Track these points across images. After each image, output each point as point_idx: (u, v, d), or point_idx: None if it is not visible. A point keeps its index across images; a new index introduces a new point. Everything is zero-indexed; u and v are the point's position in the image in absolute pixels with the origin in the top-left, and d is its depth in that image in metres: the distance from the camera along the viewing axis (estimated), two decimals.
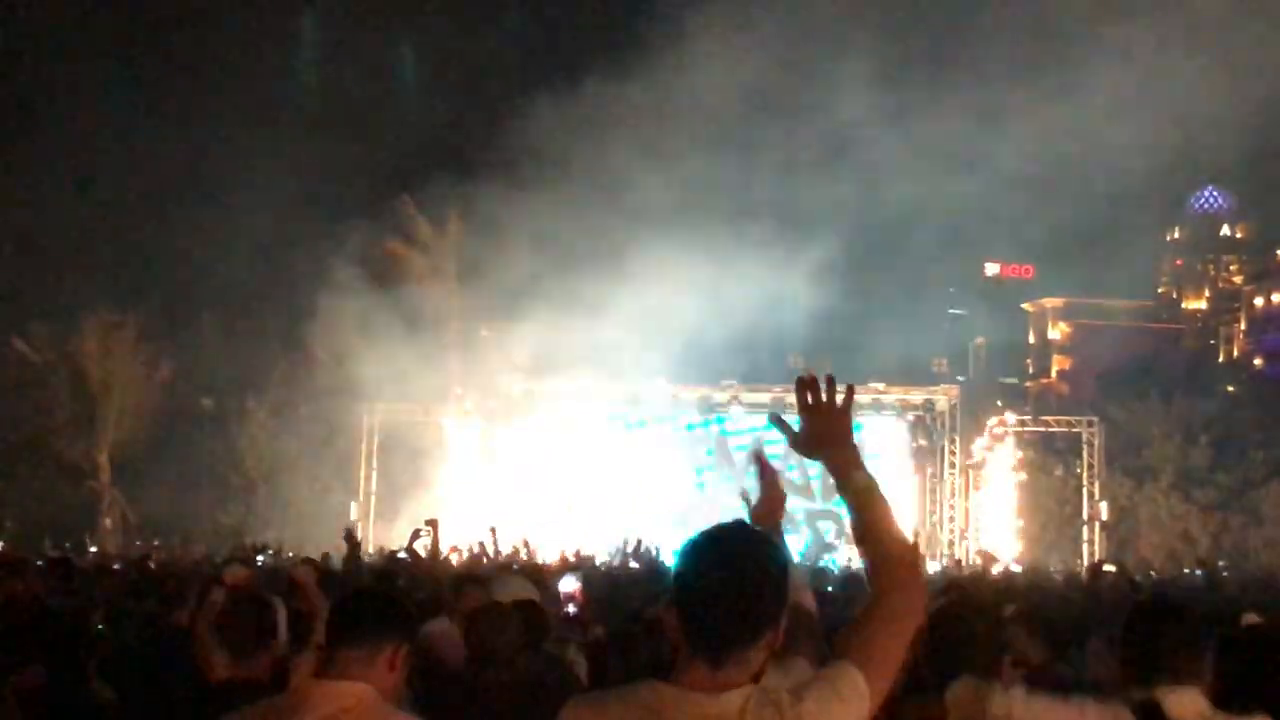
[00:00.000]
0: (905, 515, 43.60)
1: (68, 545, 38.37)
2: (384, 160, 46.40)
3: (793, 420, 3.81)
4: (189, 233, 62.31)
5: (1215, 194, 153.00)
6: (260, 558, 27.85)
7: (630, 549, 28.05)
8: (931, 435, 45.12)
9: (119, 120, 66.24)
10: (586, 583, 13.16)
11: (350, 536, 14.10)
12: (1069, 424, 50.05)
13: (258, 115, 68.17)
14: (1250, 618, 9.39)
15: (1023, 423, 48.64)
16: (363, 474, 45.03)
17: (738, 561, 3.20)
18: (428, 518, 11.93)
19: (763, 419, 43.09)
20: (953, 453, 44.65)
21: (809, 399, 3.78)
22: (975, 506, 44.68)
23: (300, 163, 60.25)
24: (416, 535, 11.40)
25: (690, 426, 43.34)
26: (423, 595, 9.77)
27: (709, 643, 3.17)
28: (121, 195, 65.53)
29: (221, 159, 69.54)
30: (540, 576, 11.54)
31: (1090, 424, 48.00)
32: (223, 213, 62.82)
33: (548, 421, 42.48)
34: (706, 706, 3.12)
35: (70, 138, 64.32)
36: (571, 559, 26.67)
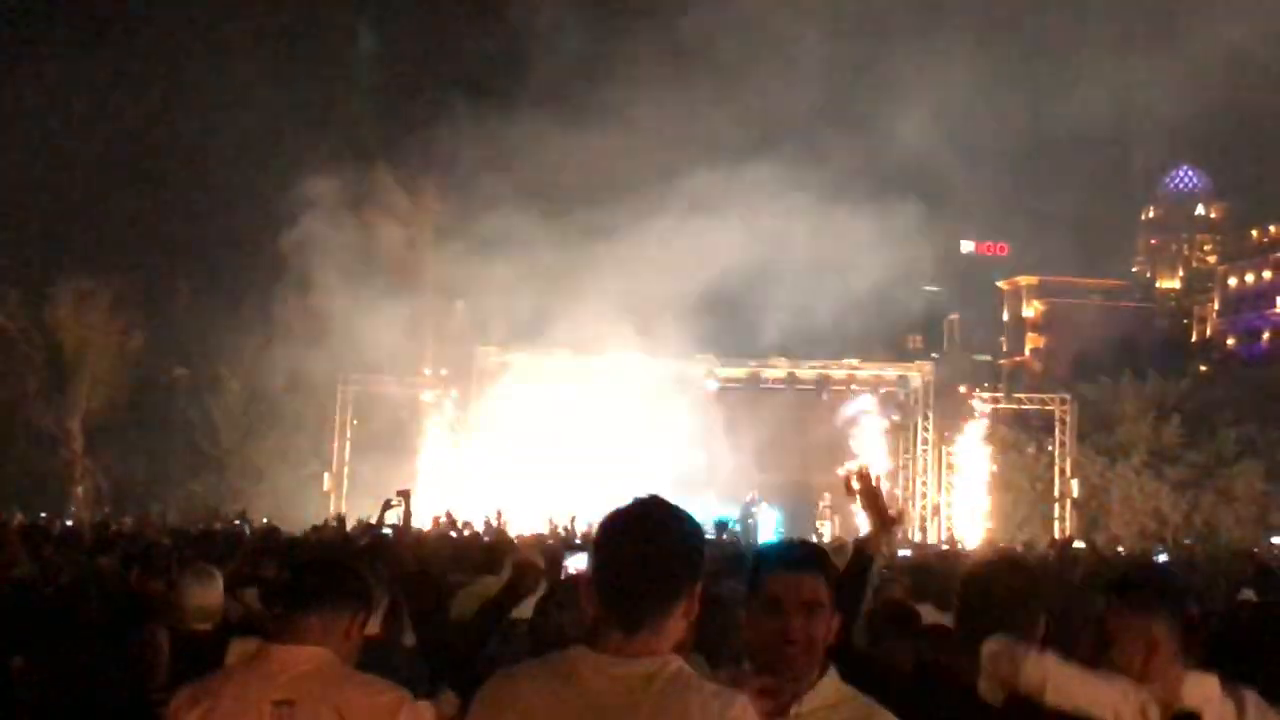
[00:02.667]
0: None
1: (43, 515, 38.23)
2: (360, 130, 46.23)
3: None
4: (163, 202, 62.10)
5: (1190, 173, 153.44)
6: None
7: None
8: (905, 412, 45.22)
9: (92, 87, 65.80)
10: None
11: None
12: (1042, 401, 50.24)
13: (233, 83, 67.80)
14: (1247, 594, 9.48)
15: (996, 400, 48.81)
16: (336, 445, 44.95)
17: (652, 534, 3.30)
18: (400, 488, 11.91)
19: (740, 387, 43.21)
20: (926, 429, 44.77)
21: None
22: (948, 483, 44.82)
23: (275, 132, 59.98)
24: (388, 505, 11.37)
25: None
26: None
27: (622, 610, 3.25)
28: (94, 163, 65.17)
29: (196, 128, 69.27)
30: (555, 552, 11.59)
31: (1063, 401, 48.18)
32: (197, 182, 62.60)
33: (523, 392, 42.39)
34: (616, 669, 3.21)
35: (41, 105, 63.93)
36: (563, 531, 26.70)
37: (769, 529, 37.33)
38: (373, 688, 4.35)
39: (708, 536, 3.94)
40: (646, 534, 3.29)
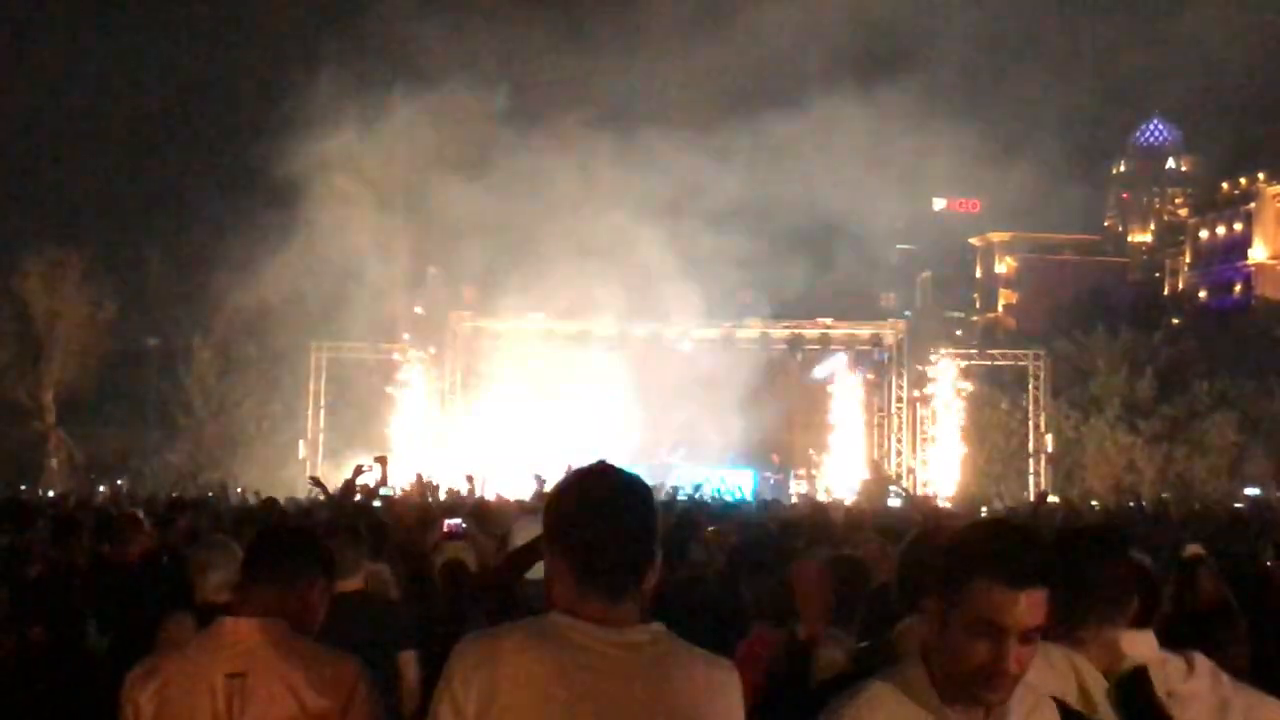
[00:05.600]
0: (855, 449, 43.89)
1: (23, 487, 38.13)
2: (330, 93, 45.99)
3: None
4: (133, 170, 61.81)
5: (1160, 127, 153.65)
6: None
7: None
8: (879, 370, 45.30)
9: (61, 56, 65.52)
10: None
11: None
12: (1015, 357, 50.39)
13: (205, 49, 67.52)
14: (1193, 549, 9.46)
15: (969, 356, 48.92)
16: (310, 412, 44.87)
17: (626, 506, 3.30)
18: (376, 454, 11.91)
19: (713, 354, 43.18)
20: (900, 387, 44.84)
21: None
22: (922, 440, 44.94)
23: (245, 98, 59.72)
24: (359, 471, 11.33)
25: None
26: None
27: (605, 582, 3.25)
28: (63, 132, 64.89)
29: (167, 95, 68.96)
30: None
31: (1036, 357, 48.34)
32: (168, 149, 62.28)
33: (498, 356, 42.35)
34: (608, 637, 3.21)
35: (8, 77, 63.57)
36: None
37: (748, 491, 37.36)
38: (325, 658, 4.32)
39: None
40: (620, 506, 3.29)
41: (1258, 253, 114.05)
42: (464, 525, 11.82)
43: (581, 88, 46.41)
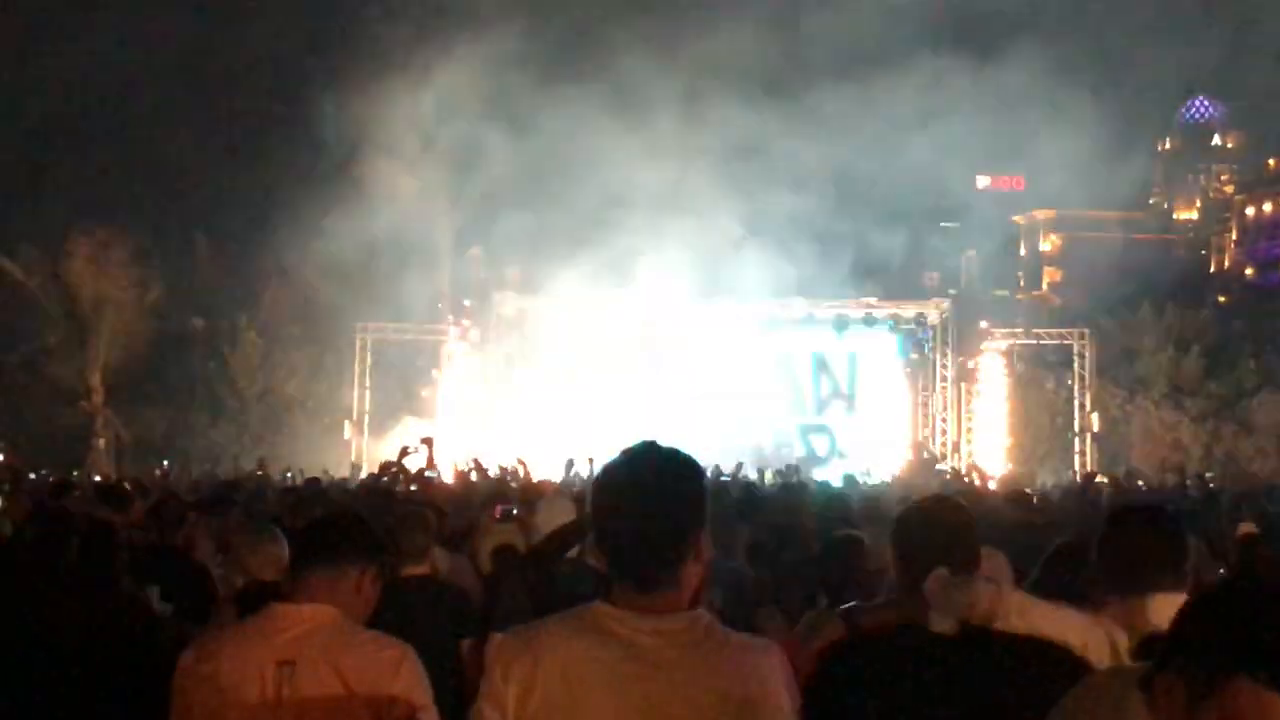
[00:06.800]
0: (900, 430, 43.73)
1: (74, 472, 38.25)
2: (373, 77, 46.10)
3: None
4: (180, 152, 62.03)
5: (1206, 104, 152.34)
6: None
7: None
8: (923, 349, 45.10)
9: (112, 37, 65.71)
10: None
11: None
12: (1060, 336, 50.13)
13: (251, 32, 67.66)
14: (1247, 527, 9.41)
15: (1014, 335, 48.70)
16: (355, 394, 45.00)
17: (649, 490, 3.26)
18: (422, 436, 11.95)
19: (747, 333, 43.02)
20: (944, 366, 44.67)
21: None
22: (967, 420, 44.78)
23: (290, 81, 59.85)
24: (405, 452, 11.38)
25: None
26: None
27: (633, 570, 3.24)
28: (110, 113, 65.13)
29: (213, 76, 69.14)
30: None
31: (1081, 336, 48.07)
32: (213, 132, 62.50)
33: (541, 337, 42.34)
34: (647, 624, 3.19)
35: (59, 54, 63.82)
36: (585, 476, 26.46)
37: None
38: (373, 644, 4.37)
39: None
40: (643, 490, 3.26)
41: None
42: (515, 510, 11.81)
43: (614, 71, 46.19)
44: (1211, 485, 27.70)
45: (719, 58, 51.49)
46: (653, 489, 3.26)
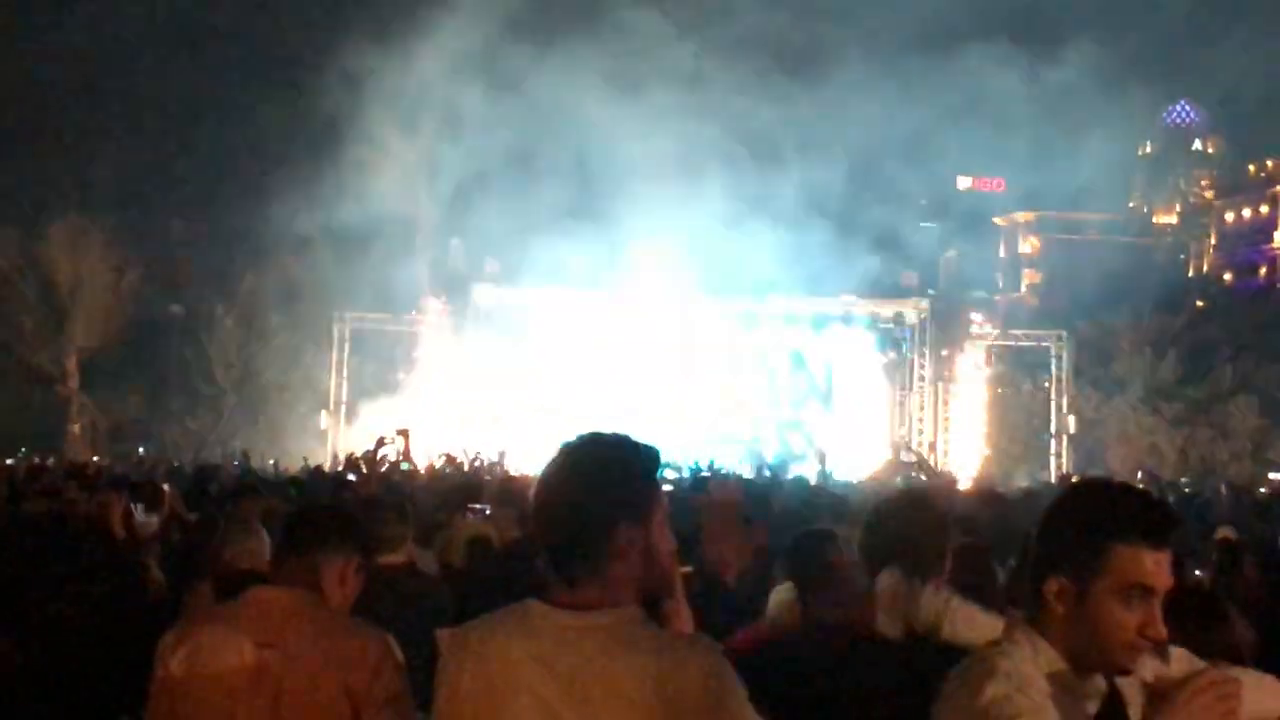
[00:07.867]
0: (877, 428, 43.78)
1: (51, 456, 38.14)
2: (352, 63, 45.98)
3: None
4: (156, 137, 61.83)
5: (1187, 107, 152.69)
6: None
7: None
8: (901, 348, 45.17)
9: (88, 21, 65.50)
10: None
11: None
12: (1038, 338, 50.26)
13: (230, 19, 67.49)
14: (1224, 531, 9.42)
15: (992, 336, 48.81)
16: (333, 383, 44.92)
17: (569, 480, 3.22)
18: (398, 427, 11.92)
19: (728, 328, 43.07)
20: (922, 366, 44.76)
21: None
22: (944, 419, 44.86)
23: (268, 68, 59.72)
24: (381, 443, 11.36)
25: None
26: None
27: (554, 561, 3.19)
28: (87, 99, 64.90)
29: (190, 63, 68.92)
30: None
31: (1059, 338, 48.22)
32: (191, 117, 62.31)
33: (519, 330, 42.30)
34: (565, 620, 3.14)
35: (35, 38, 63.57)
36: None
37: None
38: (355, 631, 4.39)
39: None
40: (565, 486, 3.21)
41: None
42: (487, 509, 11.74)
43: (598, 58, 46.12)
44: (1187, 490, 27.84)
45: (695, 60, 51.46)
46: (575, 485, 3.20)
